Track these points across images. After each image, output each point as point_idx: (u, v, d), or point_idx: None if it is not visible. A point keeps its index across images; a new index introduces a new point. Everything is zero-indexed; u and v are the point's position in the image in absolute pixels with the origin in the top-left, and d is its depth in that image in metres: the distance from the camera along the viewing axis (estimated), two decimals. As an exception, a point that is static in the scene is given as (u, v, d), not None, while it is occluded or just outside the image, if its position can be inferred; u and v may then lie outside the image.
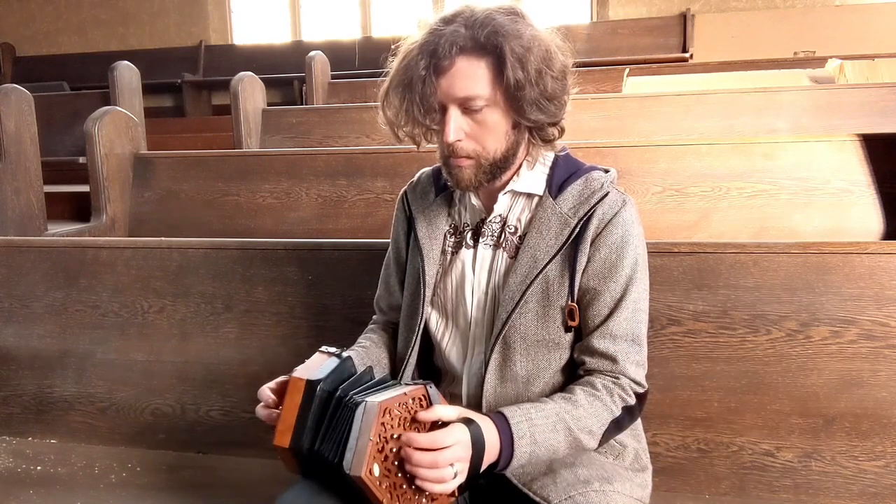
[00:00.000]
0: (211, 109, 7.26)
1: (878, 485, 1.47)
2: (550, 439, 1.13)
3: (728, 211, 2.35)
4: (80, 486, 1.65)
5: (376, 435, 1.02)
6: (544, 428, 1.13)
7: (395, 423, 1.05)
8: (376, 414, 1.02)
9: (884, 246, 1.50)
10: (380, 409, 1.02)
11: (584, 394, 1.18)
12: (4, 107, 2.88)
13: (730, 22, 6.27)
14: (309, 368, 1.15)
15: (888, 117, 2.99)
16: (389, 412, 1.04)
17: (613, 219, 1.22)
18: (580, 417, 1.16)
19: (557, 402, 1.17)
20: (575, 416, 1.16)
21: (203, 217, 2.76)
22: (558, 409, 1.15)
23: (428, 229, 1.34)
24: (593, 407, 1.17)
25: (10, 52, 7.72)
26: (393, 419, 1.04)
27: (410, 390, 1.09)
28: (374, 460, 1.02)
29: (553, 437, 1.14)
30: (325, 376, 1.12)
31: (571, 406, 1.16)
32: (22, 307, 1.95)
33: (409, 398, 1.07)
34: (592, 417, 1.17)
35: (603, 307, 1.21)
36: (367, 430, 1.02)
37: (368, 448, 1.01)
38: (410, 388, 1.09)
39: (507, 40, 1.14)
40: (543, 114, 1.19)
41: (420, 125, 1.23)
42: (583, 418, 1.16)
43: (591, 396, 1.18)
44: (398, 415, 1.05)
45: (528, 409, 1.14)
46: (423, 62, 1.17)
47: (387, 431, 1.03)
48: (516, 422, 1.11)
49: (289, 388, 1.13)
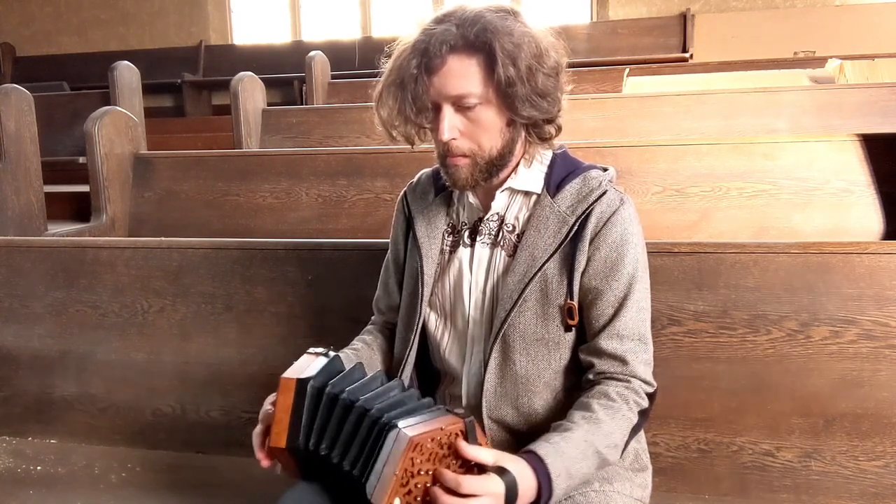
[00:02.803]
0: (211, 109, 7.26)
1: (879, 485, 1.47)
2: (583, 468, 1.12)
3: (728, 211, 2.35)
4: (80, 486, 1.65)
5: (402, 469, 0.99)
6: (576, 459, 1.11)
7: (424, 457, 1.01)
8: (406, 448, 0.98)
9: (884, 246, 1.50)
10: (410, 444, 0.98)
11: (602, 408, 1.16)
12: (4, 107, 2.88)
13: (730, 22, 6.27)
14: (298, 368, 1.14)
15: (888, 117, 2.99)
16: (420, 447, 1.00)
17: (612, 217, 1.22)
18: (605, 435, 1.14)
19: (581, 426, 1.14)
20: (600, 435, 1.14)
21: (203, 217, 2.76)
22: (585, 435, 1.13)
23: (427, 229, 1.34)
24: (615, 421, 1.16)
25: (10, 52, 7.72)
26: (423, 453, 1.01)
27: (447, 424, 1.03)
28: (395, 494, 0.99)
29: (585, 464, 1.12)
30: (314, 374, 1.11)
31: (595, 427, 1.14)
32: (22, 307, 1.95)
33: (444, 434, 1.02)
34: (616, 432, 1.16)
35: (607, 307, 1.21)
36: (394, 462, 0.99)
37: (393, 482, 0.98)
38: (447, 422, 1.03)
39: (498, 37, 1.15)
40: (536, 110, 1.19)
41: (414, 124, 1.23)
42: (608, 436, 1.15)
43: (610, 409, 1.16)
44: (430, 448, 1.01)
45: (557, 444, 1.11)
46: (414, 61, 1.18)
47: (414, 466, 1.00)
48: (551, 460, 1.08)
49: (279, 389, 1.12)
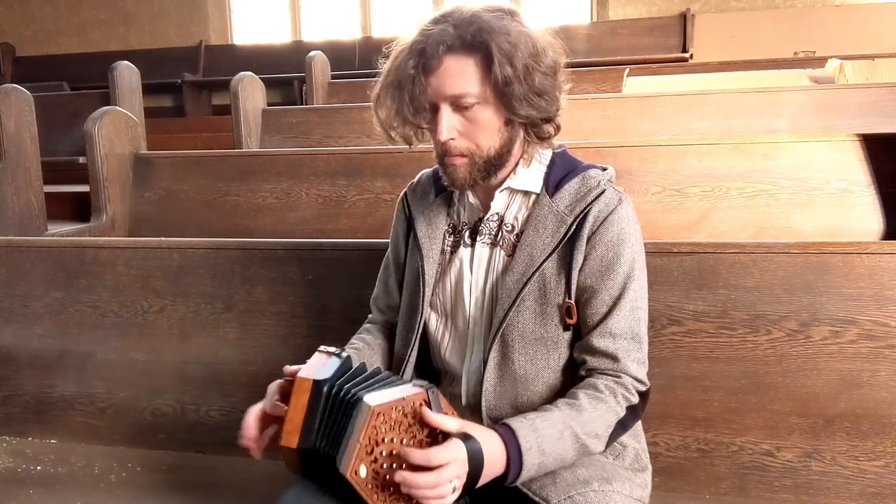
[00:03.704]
0: (211, 109, 7.26)
1: (878, 485, 1.47)
2: (558, 448, 1.13)
3: (728, 211, 2.35)
4: (80, 485, 1.65)
5: (366, 437, 1.01)
6: (551, 437, 1.12)
7: (389, 426, 1.04)
8: (368, 416, 1.02)
9: (884, 246, 1.50)
10: (372, 413, 1.02)
11: (587, 397, 1.17)
12: (4, 107, 2.88)
13: (730, 22, 6.27)
14: (313, 368, 1.14)
15: (888, 117, 2.99)
16: (383, 415, 1.03)
17: (609, 216, 1.22)
18: (586, 422, 1.15)
19: (562, 409, 1.15)
20: (580, 421, 1.15)
21: (203, 217, 2.76)
22: (564, 417, 1.14)
23: (427, 229, 1.34)
24: (598, 410, 1.16)
25: (10, 52, 7.72)
26: (387, 422, 1.03)
27: (411, 394, 1.07)
28: (360, 462, 1.01)
29: (560, 445, 1.13)
30: (330, 376, 1.11)
31: (576, 412, 1.15)
32: (22, 307, 1.94)
33: (408, 402, 1.06)
34: (598, 421, 1.16)
35: (601, 305, 1.21)
36: (357, 431, 1.02)
37: (357, 449, 1.01)
38: (411, 392, 1.08)
39: (494, 37, 1.15)
40: (534, 109, 1.19)
41: (412, 125, 1.24)
42: (588, 423, 1.15)
43: (595, 399, 1.17)
44: (394, 418, 1.04)
45: (533, 420, 1.13)
46: (412, 62, 1.18)
47: (378, 434, 1.03)
48: (522, 433, 1.10)
49: (295, 388, 1.12)
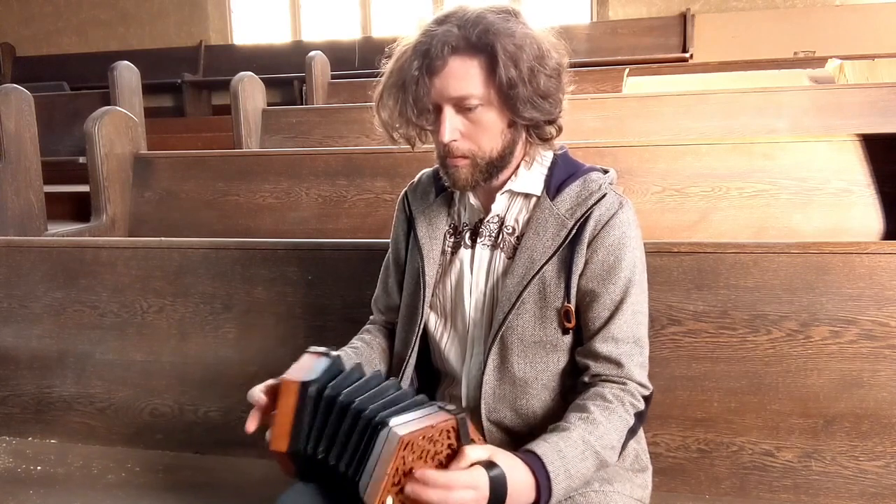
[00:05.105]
0: (211, 109, 7.25)
1: (879, 485, 1.46)
2: (582, 469, 1.11)
3: (728, 211, 2.35)
4: (79, 486, 1.65)
5: (393, 469, 0.98)
6: (574, 459, 1.10)
7: (416, 455, 1.00)
8: (396, 447, 0.98)
9: (884, 246, 1.50)
10: (401, 443, 0.98)
11: (598, 409, 1.16)
12: (4, 107, 2.88)
13: (730, 22, 6.26)
14: (301, 369, 1.12)
15: (888, 117, 2.99)
16: (411, 446, 0.99)
17: (610, 220, 1.22)
18: (602, 436, 1.14)
19: (578, 427, 1.13)
20: (597, 436, 1.13)
21: (203, 217, 2.76)
22: (583, 435, 1.12)
23: (428, 229, 1.33)
24: (611, 422, 1.15)
25: (10, 52, 7.72)
26: (415, 451, 1.00)
27: (438, 422, 1.02)
28: (387, 493, 0.99)
29: (583, 465, 1.11)
30: (317, 377, 1.10)
31: (592, 427, 1.14)
32: (22, 307, 1.94)
33: (435, 431, 1.02)
34: (613, 433, 1.16)
35: (603, 310, 1.21)
36: (385, 461, 0.98)
37: (384, 480, 0.98)
38: (439, 419, 1.03)
39: (499, 39, 1.14)
40: (538, 111, 1.19)
41: (414, 126, 1.23)
42: (605, 436, 1.14)
43: (606, 411, 1.16)
44: (421, 448, 1.01)
45: (556, 443, 1.11)
46: (415, 63, 1.17)
47: (406, 465, 0.99)
48: (549, 459, 1.08)
49: (281, 391, 1.11)
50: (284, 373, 1.14)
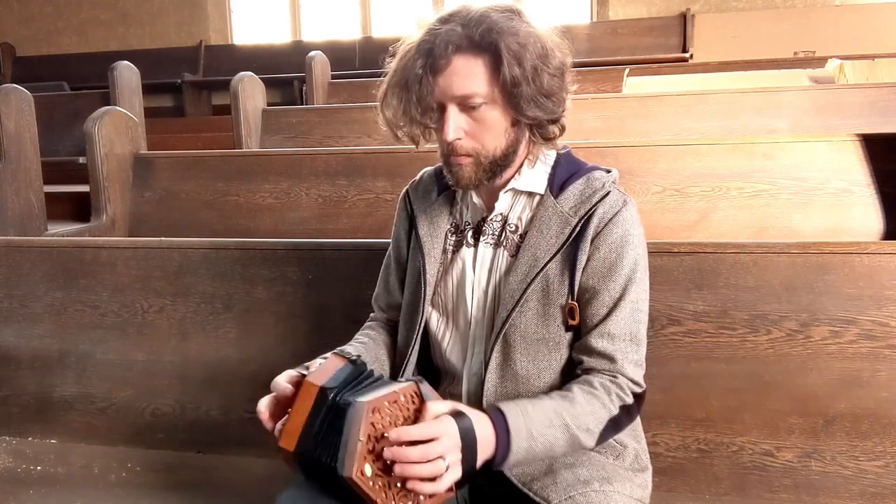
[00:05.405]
0: (211, 109, 7.26)
1: (878, 485, 1.47)
2: (547, 435, 1.13)
3: (728, 211, 2.35)
4: (80, 485, 1.65)
5: (365, 435, 1.01)
6: (541, 423, 1.12)
7: (385, 421, 1.04)
8: (365, 413, 1.01)
9: (884, 246, 1.50)
10: (367, 409, 1.01)
11: (581, 392, 1.18)
12: (4, 107, 2.88)
13: (730, 22, 6.26)
14: (325, 372, 1.12)
15: (888, 117, 2.99)
16: (379, 411, 1.03)
17: (614, 218, 1.22)
18: (577, 415, 1.15)
19: (554, 399, 1.16)
20: (572, 413, 1.15)
21: (203, 217, 2.76)
22: (555, 406, 1.15)
23: (429, 228, 1.34)
24: (591, 405, 1.17)
25: (10, 52, 7.72)
26: (384, 417, 1.03)
27: (401, 387, 1.08)
28: (364, 460, 1.01)
29: (550, 432, 1.13)
30: (338, 384, 1.09)
31: (568, 403, 1.16)
32: (22, 307, 1.95)
33: (399, 395, 1.06)
34: (590, 415, 1.17)
35: (601, 306, 1.21)
36: (356, 431, 1.01)
37: (358, 448, 1.00)
38: (401, 386, 1.08)
39: (503, 37, 1.15)
40: (541, 110, 1.19)
41: (418, 125, 1.23)
42: (580, 416, 1.16)
43: (589, 394, 1.17)
44: (389, 413, 1.04)
45: (524, 405, 1.14)
46: (419, 62, 1.18)
47: (377, 430, 1.02)
48: (512, 416, 1.11)
49: (301, 391, 1.11)
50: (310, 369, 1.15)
